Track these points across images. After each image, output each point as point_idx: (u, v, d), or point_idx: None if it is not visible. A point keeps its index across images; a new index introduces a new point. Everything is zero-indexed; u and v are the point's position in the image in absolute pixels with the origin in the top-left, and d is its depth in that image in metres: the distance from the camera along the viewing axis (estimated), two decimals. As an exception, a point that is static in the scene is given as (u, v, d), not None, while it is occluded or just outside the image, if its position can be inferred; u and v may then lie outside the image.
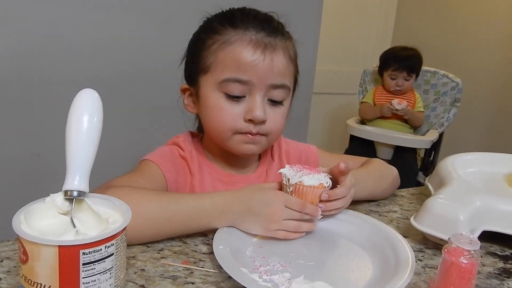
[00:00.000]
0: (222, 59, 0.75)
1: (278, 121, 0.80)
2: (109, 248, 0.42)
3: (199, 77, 0.78)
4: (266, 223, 0.65)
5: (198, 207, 0.65)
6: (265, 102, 0.77)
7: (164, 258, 0.59)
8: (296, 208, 0.67)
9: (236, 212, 0.66)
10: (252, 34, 0.74)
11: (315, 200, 0.70)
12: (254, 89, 0.75)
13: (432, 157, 2.53)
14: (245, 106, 0.76)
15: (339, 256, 0.66)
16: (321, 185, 0.69)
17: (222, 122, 0.76)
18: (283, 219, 0.66)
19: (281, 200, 0.67)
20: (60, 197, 0.47)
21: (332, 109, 3.33)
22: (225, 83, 0.74)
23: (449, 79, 2.45)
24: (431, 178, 0.92)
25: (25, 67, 1.46)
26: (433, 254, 0.70)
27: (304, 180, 0.68)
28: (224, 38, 0.75)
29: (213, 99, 0.76)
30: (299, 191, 0.69)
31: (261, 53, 0.74)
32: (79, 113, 0.49)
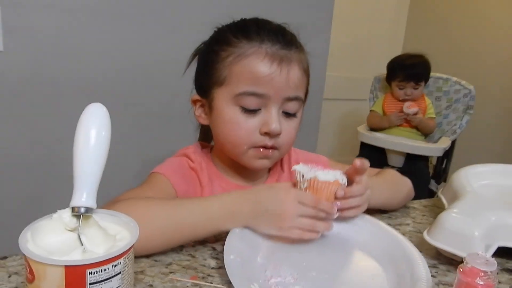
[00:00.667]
0: (238, 72, 0.74)
1: (291, 134, 0.79)
2: (116, 267, 0.41)
3: (213, 89, 0.78)
4: (279, 221, 0.63)
5: (207, 210, 0.64)
6: (280, 114, 0.76)
7: (172, 273, 0.59)
8: (310, 204, 0.64)
9: (246, 212, 0.64)
10: (268, 46, 0.74)
11: (331, 197, 0.67)
12: (270, 102, 0.74)
13: (445, 165, 2.49)
14: (260, 119, 0.75)
15: (354, 270, 0.64)
16: (336, 182, 0.67)
17: (238, 136, 0.76)
18: (297, 216, 0.63)
19: (294, 196, 0.65)
20: (67, 214, 0.47)
21: (342, 115, 3.31)
22: (241, 96, 0.74)
23: (462, 86, 2.42)
24: (444, 190, 0.90)
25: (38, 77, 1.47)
26: (447, 270, 0.68)
27: (319, 175, 0.66)
28: (239, 51, 0.74)
29: (229, 112, 0.75)
30: (314, 187, 0.66)
31: (278, 66, 0.73)
32: (86, 128, 0.48)
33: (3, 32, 1.40)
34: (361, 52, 3.24)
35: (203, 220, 0.64)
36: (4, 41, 1.41)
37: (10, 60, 1.42)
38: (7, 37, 1.41)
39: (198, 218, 0.63)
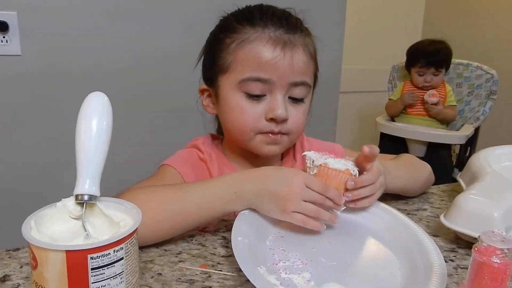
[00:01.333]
0: (242, 58, 0.73)
1: (300, 119, 0.78)
2: (118, 252, 0.41)
3: (218, 77, 0.77)
4: (283, 202, 0.61)
5: (209, 191, 0.63)
6: (286, 100, 0.75)
7: (182, 262, 0.58)
8: (317, 189, 0.62)
9: (250, 192, 0.62)
10: (271, 31, 0.73)
11: (340, 187, 0.65)
12: (275, 87, 0.73)
13: (468, 153, 2.42)
14: (266, 105, 0.74)
15: (364, 257, 0.62)
16: (347, 171, 0.65)
17: (244, 122, 0.75)
18: (302, 200, 0.61)
19: (301, 178, 0.62)
20: (72, 202, 0.47)
21: (361, 108, 3.26)
22: (245, 82, 0.73)
23: (483, 71, 2.35)
24: (463, 173, 0.87)
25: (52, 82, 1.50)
26: (466, 254, 0.66)
27: (330, 162, 0.64)
28: (243, 37, 0.74)
29: (234, 99, 0.75)
30: (324, 174, 0.64)
31: (281, 51, 0.72)
32: (88, 116, 0.48)
33: (21, 36, 1.43)
34: (377, 42, 3.17)
35: (205, 201, 0.63)
36: (22, 46, 1.44)
37: (27, 64, 1.46)
38: (24, 42, 1.44)
39: (200, 200, 0.63)
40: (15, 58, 1.44)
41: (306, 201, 0.61)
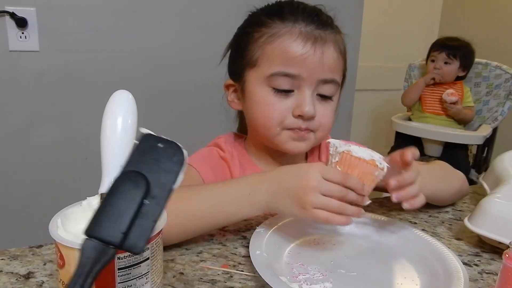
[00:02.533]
0: (270, 52, 0.72)
1: (328, 117, 0.76)
2: (144, 252, 0.41)
3: (245, 71, 0.76)
4: (300, 197, 0.56)
5: (223, 193, 0.62)
6: (314, 97, 0.74)
7: (203, 261, 0.58)
8: (336, 179, 0.56)
9: (265, 192, 0.59)
10: (302, 26, 0.72)
11: (364, 178, 0.58)
12: (303, 83, 0.72)
13: (486, 154, 2.39)
14: (293, 101, 0.73)
15: (383, 268, 0.60)
16: (372, 161, 0.57)
17: (270, 117, 0.73)
18: (319, 193, 0.55)
19: (316, 169, 0.57)
20: (97, 200, 0.47)
21: (376, 106, 3.24)
22: (273, 77, 0.72)
23: (503, 70, 2.30)
24: (486, 176, 0.85)
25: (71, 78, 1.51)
26: (491, 259, 0.64)
27: (354, 149, 0.58)
28: (272, 31, 0.73)
29: (261, 94, 0.74)
30: (346, 161, 0.58)
31: (311, 46, 0.71)
32: (113, 115, 0.48)
33: (39, 33, 1.44)
34: (394, 40, 3.14)
35: (220, 204, 0.61)
36: (40, 42, 1.45)
37: (45, 60, 1.47)
38: (43, 38, 1.45)
39: (214, 202, 0.61)
40: (34, 54, 1.46)
41: (326, 195, 0.56)
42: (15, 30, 1.41)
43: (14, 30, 1.41)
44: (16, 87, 1.45)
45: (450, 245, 0.68)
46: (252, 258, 0.55)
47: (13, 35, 1.41)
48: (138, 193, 0.33)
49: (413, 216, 0.78)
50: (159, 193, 0.34)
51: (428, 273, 0.57)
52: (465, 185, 0.85)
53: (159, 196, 0.34)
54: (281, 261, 0.59)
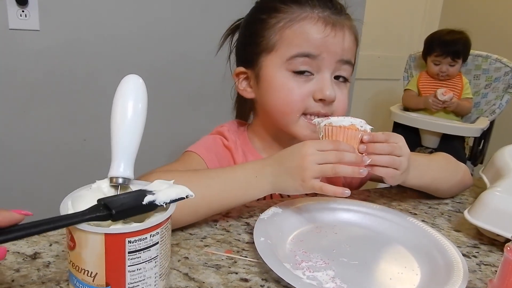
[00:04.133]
0: (290, 36, 0.73)
1: (344, 101, 0.77)
2: (154, 237, 0.41)
3: (261, 57, 0.76)
4: (300, 173, 0.59)
5: (231, 177, 0.63)
6: (332, 80, 0.75)
7: (207, 246, 0.59)
8: (328, 147, 0.60)
9: (269, 174, 0.62)
10: (319, 11, 0.73)
11: (349, 143, 0.62)
12: (323, 65, 0.73)
13: (482, 146, 2.40)
14: (314, 85, 0.73)
15: (385, 257, 0.61)
16: (352, 126, 0.62)
17: (291, 102, 0.74)
18: (317, 164, 0.59)
19: (310, 144, 0.61)
20: (106, 184, 0.47)
21: (375, 96, 3.23)
22: (293, 59, 0.72)
23: (503, 63, 2.31)
24: (486, 169, 0.86)
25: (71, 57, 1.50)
26: (489, 251, 0.66)
27: (334, 120, 0.63)
28: (291, 16, 0.73)
29: (280, 78, 0.74)
30: (329, 133, 0.63)
31: (331, 30, 0.72)
32: (124, 99, 0.48)
33: (40, 11, 1.42)
34: (395, 29, 3.12)
35: (227, 187, 0.62)
36: (41, 21, 1.43)
37: (46, 39, 1.45)
38: (43, 17, 1.43)
39: (223, 186, 0.63)
40: (34, 33, 1.44)
41: (323, 163, 0.59)
42: (15, 8, 1.39)
43: (14, 8, 1.38)
44: (16, 66, 1.44)
45: (450, 237, 0.69)
46: (256, 244, 0.55)
47: (13, 13, 1.39)
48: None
49: (413, 207, 0.79)
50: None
51: (428, 263, 0.58)
52: (466, 177, 0.86)
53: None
54: (285, 248, 0.59)
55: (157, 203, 0.43)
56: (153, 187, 0.46)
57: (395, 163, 0.64)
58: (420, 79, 2.41)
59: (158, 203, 0.43)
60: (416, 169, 0.71)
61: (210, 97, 1.69)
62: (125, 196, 0.43)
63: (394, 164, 0.64)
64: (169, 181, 0.47)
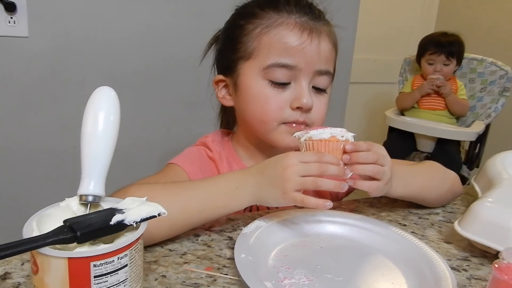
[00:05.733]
0: (267, 43, 0.71)
1: (322, 110, 0.76)
2: (122, 259, 0.39)
3: (239, 65, 0.75)
4: (281, 184, 0.58)
5: (212, 188, 0.62)
6: (310, 89, 0.73)
7: (186, 263, 0.57)
8: (312, 159, 0.59)
9: (251, 185, 0.60)
10: (297, 17, 0.72)
11: (333, 155, 0.61)
12: (300, 74, 0.72)
13: (478, 150, 2.38)
14: (291, 94, 0.72)
15: (371, 273, 0.59)
16: (333, 138, 0.61)
17: (268, 111, 0.72)
18: (299, 176, 0.58)
19: (292, 156, 0.60)
20: (75, 202, 0.45)
21: (370, 99, 3.22)
22: (270, 69, 0.71)
23: (498, 67, 2.29)
24: (478, 177, 0.84)
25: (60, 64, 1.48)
26: (480, 264, 0.64)
27: (314, 134, 0.61)
28: (267, 22, 0.72)
29: (257, 87, 0.73)
30: (311, 148, 0.62)
31: (308, 36, 0.71)
32: (95, 112, 0.46)
33: (28, 18, 1.40)
34: (390, 33, 3.12)
35: (208, 198, 0.61)
36: (29, 27, 1.41)
37: (35, 46, 1.43)
38: (32, 23, 1.41)
39: (204, 197, 0.61)
40: (22, 40, 1.42)
41: (305, 176, 0.58)
42: (4, 15, 1.37)
43: (2, 15, 1.36)
44: (5, 73, 1.42)
45: (439, 249, 0.67)
46: (236, 262, 0.53)
47: (1, 20, 1.37)
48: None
49: (403, 218, 0.77)
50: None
51: (416, 279, 0.56)
52: (456, 185, 0.84)
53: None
54: (267, 264, 0.57)
55: (127, 223, 0.41)
56: (124, 205, 0.44)
57: (380, 172, 0.63)
58: (415, 82, 2.40)
59: (127, 222, 0.41)
60: (400, 179, 0.69)
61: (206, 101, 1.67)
62: (92, 216, 0.41)
63: (379, 174, 0.63)
64: (141, 198, 0.45)
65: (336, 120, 2.00)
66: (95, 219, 0.41)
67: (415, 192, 0.76)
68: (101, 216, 0.41)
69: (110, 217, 0.41)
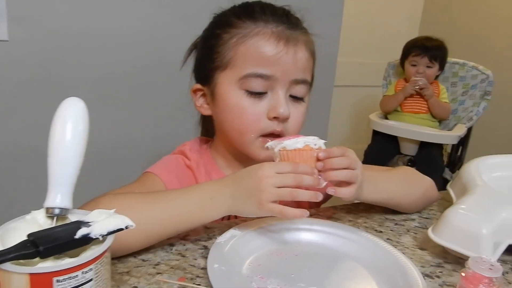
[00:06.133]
0: (243, 53, 0.71)
1: (299, 120, 0.76)
2: (87, 273, 0.39)
3: (216, 74, 0.74)
4: (257, 195, 0.58)
5: (186, 199, 0.61)
6: (287, 98, 0.73)
7: (159, 274, 0.56)
8: (287, 170, 0.59)
9: (226, 196, 0.60)
10: (273, 26, 0.71)
11: (308, 164, 0.62)
12: (277, 84, 0.71)
13: (460, 153, 2.42)
14: (267, 103, 0.72)
15: (344, 281, 0.59)
16: (307, 147, 0.62)
17: (245, 122, 0.72)
18: (274, 187, 0.58)
19: (268, 167, 0.59)
20: (42, 215, 0.44)
21: (355, 102, 3.24)
22: (246, 79, 0.71)
23: (479, 71, 2.33)
24: (453, 183, 0.85)
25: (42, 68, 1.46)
26: (453, 270, 0.64)
27: (287, 144, 0.62)
28: (244, 32, 0.72)
29: (233, 97, 0.72)
30: (285, 158, 0.62)
31: (284, 46, 0.70)
32: (62, 122, 0.46)
33: (8, 21, 1.38)
34: (374, 37, 3.15)
35: (183, 209, 0.61)
36: (9, 31, 1.39)
37: (15, 50, 1.41)
38: (12, 26, 1.39)
39: (178, 208, 0.61)
40: (2, 43, 1.39)
41: (281, 187, 0.58)
42: (-18, 19, 1.35)
43: (-20, 19, 1.34)
44: (-18, 78, 1.40)
45: (414, 255, 0.67)
46: (209, 272, 0.53)
47: (-21, 24, 1.35)
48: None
49: (379, 224, 0.77)
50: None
51: (389, 287, 0.57)
52: (430, 191, 0.84)
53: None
54: (241, 274, 0.57)
55: (92, 236, 0.41)
56: (91, 217, 0.44)
57: (353, 176, 0.64)
58: (398, 85, 2.42)
59: (93, 236, 0.41)
60: (372, 184, 0.70)
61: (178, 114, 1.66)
62: (57, 230, 0.41)
63: (353, 178, 0.64)
64: (110, 210, 0.45)
65: (321, 123, 2.00)
66: (60, 233, 0.40)
67: (388, 197, 0.77)
68: (66, 229, 0.41)
69: (75, 230, 0.40)
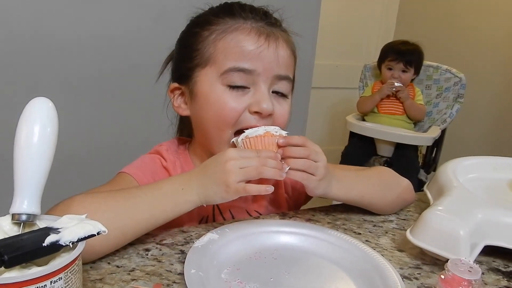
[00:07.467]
0: (223, 48, 0.69)
1: (284, 116, 0.74)
2: (56, 283, 0.37)
3: (195, 72, 0.72)
4: (223, 177, 0.60)
5: (157, 192, 0.62)
6: (270, 94, 0.72)
7: (134, 281, 0.54)
8: (250, 154, 0.62)
9: (195, 185, 0.62)
10: (252, 22, 0.71)
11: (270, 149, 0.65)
12: (259, 79, 0.70)
13: (434, 154, 2.46)
14: (250, 99, 0.70)
15: (324, 283, 0.58)
16: (267, 134, 0.65)
17: (226, 116, 0.69)
18: (240, 168, 0.60)
19: (233, 150, 0.63)
20: (8, 221, 0.42)
21: (333, 104, 3.27)
22: (228, 73, 0.69)
23: (452, 74, 2.38)
24: (430, 184, 0.86)
25: (4, 70, 1.40)
26: (431, 271, 0.64)
27: (249, 133, 0.65)
28: (223, 27, 0.71)
29: (215, 93, 0.70)
30: (247, 145, 0.65)
31: (265, 41, 0.69)
32: (29, 124, 0.43)
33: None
34: (351, 39, 3.18)
35: (155, 203, 0.61)
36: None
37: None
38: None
39: (150, 202, 0.61)
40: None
41: (245, 167, 0.60)
42: None
43: None
44: None
45: (392, 257, 0.67)
46: (186, 278, 0.51)
47: None
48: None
49: (358, 226, 0.77)
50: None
51: None
52: (406, 193, 0.84)
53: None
54: (219, 279, 0.56)
55: (62, 243, 0.39)
56: (61, 223, 0.41)
57: (311, 167, 0.65)
58: (375, 87, 2.45)
59: (62, 243, 0.39)
60: (341, 182, 0.71)
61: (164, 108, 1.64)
62: (24, 237, 0.38)
63: (310, 169, 0.65)
64: (81, 215, 0.43)
65: (298, 125, 2.01)
66: (27, 241, 0.38)
67: (359, 196, 0.76)
68: (34, 236, 0.39)
69: (44, 237, 0.38)
